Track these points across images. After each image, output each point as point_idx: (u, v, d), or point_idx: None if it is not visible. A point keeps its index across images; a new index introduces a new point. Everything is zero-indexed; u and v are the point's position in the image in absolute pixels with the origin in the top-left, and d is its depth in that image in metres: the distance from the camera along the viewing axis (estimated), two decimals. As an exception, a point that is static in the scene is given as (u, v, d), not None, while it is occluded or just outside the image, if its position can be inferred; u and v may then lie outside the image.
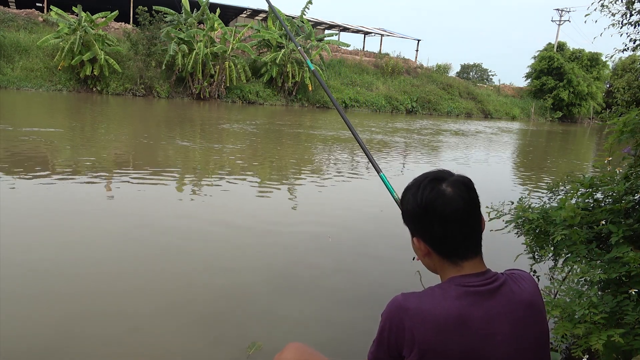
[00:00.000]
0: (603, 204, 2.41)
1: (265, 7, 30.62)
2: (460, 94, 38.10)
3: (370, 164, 2.06)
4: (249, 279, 3.72)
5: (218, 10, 27.02)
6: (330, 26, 38.63)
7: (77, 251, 4.01)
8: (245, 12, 35.28)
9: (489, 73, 65.53)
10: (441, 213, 1.15)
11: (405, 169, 10.00)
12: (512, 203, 2.69)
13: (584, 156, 16.17)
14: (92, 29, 23.64)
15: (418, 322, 1.10)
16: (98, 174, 6.98)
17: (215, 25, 26.17)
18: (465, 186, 1.18)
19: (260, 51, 30.52)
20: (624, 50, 5.77)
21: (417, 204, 1.18)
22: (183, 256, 4.09)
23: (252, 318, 3.11)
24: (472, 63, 66.68)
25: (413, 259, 1.53)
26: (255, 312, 3.19)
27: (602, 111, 29.47)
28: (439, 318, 1.10)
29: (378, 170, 1.96)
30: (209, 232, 4.77)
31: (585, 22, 5.89)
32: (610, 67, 41.75)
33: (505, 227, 2.66)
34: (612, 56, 6.31)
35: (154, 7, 25.71)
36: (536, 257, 2.63)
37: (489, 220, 2.43)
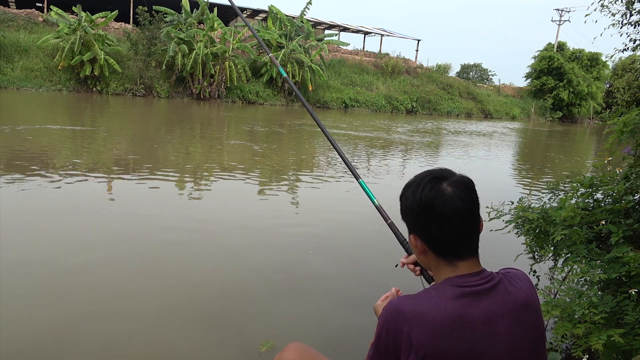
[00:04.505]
0: (603, 204, 2.41)
1: (265, 7, 30.67)
2: (460, 94, 38.09)
3: (350, 171, 1.88)
4: (250, 278, 3.72)
5: (216, 10, 26.99)
6: (330, 26, 38.62)
7: (78, 251, 4.00)
8: (245, 12, 35.27)
9: (489, 73, 65.57)
10: (439, 213, 1.14)
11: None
12: (512, 203, 2.69)
13: (583, 156, 16.17)
14: (92, 29, 23.63)
15: (415, 325, 1.09)
16: (101, 173, 6.98)
17: (215, 25, 26.16)
18: (465, 187, 1.17)
19: (260, 51, 30.48)
20: (624, 50, 5.77)
21: (416, 202, 1.17)
22: (184, 256, 4.09)
23: (253, 318, 3.11)
24: (472, 63, 66.73)
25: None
26: (256, 312, 3.19)
27: (602, 111, 29.45)
28: (437, 320, 1.08)
29: (357, 177, 1.84)
30: (210, 232, 4.77)
31: (585, 22, 5.89)
32: (610, 67, 41.71)
33: (505, 227, 2.66)
34: (612, 56, 6.30)
35: (154, 7, 25.71)
36: (536, 257, 2.63)
37: (489, 220, 2.44)
